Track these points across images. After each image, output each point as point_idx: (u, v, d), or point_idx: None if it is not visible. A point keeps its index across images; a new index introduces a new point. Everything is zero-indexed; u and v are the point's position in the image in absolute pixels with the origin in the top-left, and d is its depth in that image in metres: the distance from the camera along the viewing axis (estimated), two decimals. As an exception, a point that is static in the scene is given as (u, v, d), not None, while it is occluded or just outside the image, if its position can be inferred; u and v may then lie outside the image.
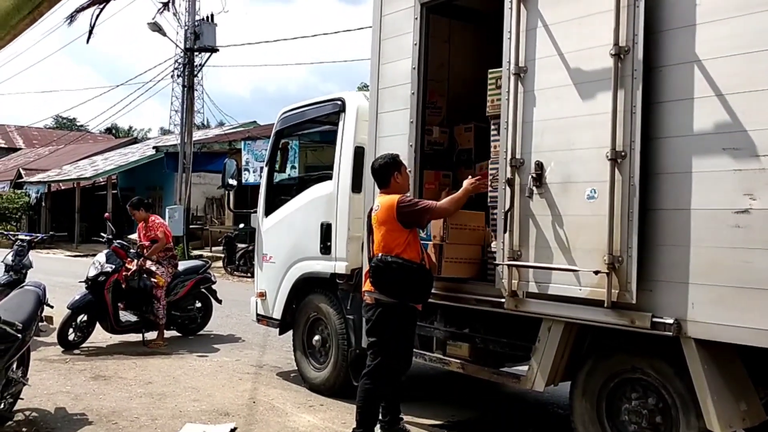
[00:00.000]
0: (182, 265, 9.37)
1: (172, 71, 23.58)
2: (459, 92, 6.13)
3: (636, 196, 3.84)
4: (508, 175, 4.48)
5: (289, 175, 10.51)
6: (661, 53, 3.82)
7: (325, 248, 6.15)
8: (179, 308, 9.14)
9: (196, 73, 23.57)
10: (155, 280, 8.61)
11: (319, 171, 7.04)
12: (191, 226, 23.03)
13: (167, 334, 8.97)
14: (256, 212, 7.32)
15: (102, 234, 9.02)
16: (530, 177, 4.36)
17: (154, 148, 28.63)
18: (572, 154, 4.19)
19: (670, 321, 3.72)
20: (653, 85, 3.84)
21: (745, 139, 3.48)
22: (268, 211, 7.04)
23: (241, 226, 20.66)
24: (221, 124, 36.20)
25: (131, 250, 8.76)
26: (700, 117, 3.66)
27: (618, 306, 3.92)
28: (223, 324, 10.04)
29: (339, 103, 6.24)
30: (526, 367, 4.61)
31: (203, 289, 9.41)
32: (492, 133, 4.92)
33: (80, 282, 8.67)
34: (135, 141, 43.01)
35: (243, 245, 19.04)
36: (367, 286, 4.82)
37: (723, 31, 3.58)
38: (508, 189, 4.49)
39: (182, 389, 6.47)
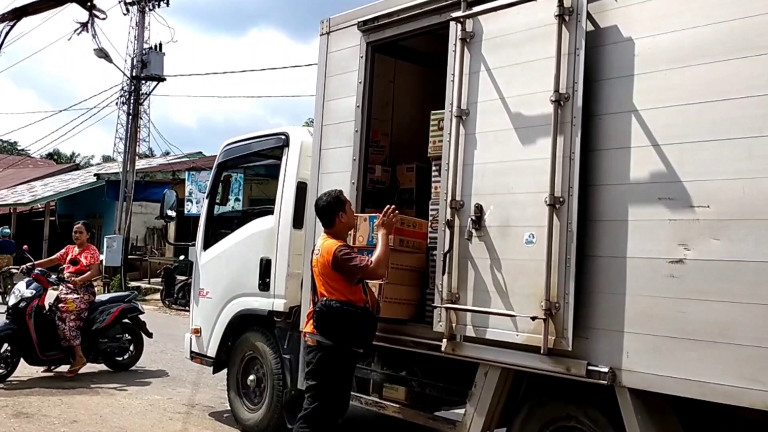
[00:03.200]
0: (107, 295, 9.33)
1: (117, 98, 23.16)
2: (402, 132, 6.11)
3: (573, 242, 3.84)
4: (448, 217, 4.45)
5: (232, 207, 10.35)
6: (600, 102, 3.86)
7: (264, 284, 6.01)
8: (106, 337, 8.82)
9: (141, 101, 23.27)
10: (64, 305, 8.31)
11: (262, 205, 6.93)
12: (130, 257, 22.49)
13: (95, 367, 8.66)
14: (194, 245, 7.14)
15: (15, 268, 8.75)
16: (470, 219, 4.33)
17: (95, 175, 27.99)
18: (512, 197, 4.19)
19: (605, 369, 3.69)
20: (592, 133, 3.87)
21: (680, 190, 3.51)
22: (207, 245, 6.88)
23: (182, 258, 20.26)
24: (166, 154, 35.71)
25: (51, 277, 8.55)
26: (637, 166, 3.69)
27: (554, 353, 3.89)
28: (157, 359, 9.72)
29: (283, 137, 6.16)
30: (461, 412, 4.54)
31: (130, 320, 9.13)
32: (433, 174, 4.90)
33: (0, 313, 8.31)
34: (77, 167, 42.06)
35: (183, 277, 18.62)
36: (308, 327, 4.69)
37: (660, 83, 3.64)
38: (447, 230, 4.45)
39: (109, 429, 6.21)
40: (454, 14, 4.50)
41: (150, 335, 9.28)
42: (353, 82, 5.30)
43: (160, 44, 22.73)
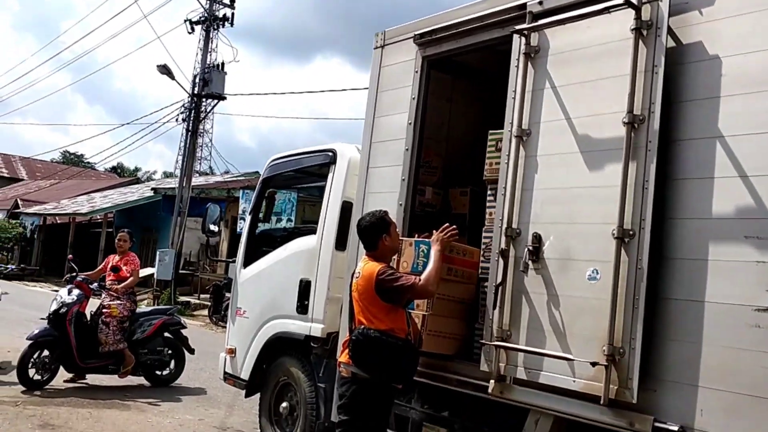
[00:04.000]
0: (148, 308, 9.35)
1: (177, 115, 23.43)
2: (457, 154, 5.76)
3: (643, 281, 3.41)
4: (503, 246, 4.06)
5: (283, 227, 10.15)
6: (680, 125, 3.45)
7: (302, 307, 5.70)
8: (147, 348, 8.69)
9: (201, 118, 23.50)
10: (107, 311, 8.23)
11: (307, 224, 6.67)
12: (182, 271, 22.57)
13: (132, 380, 8.50)
14: (234, 262, 6.89)
15: (67, 275, 8.73)
16: (526, 250, 3.94)
17: (152, 189, 28.40)
18: (574, 228, 3.78)
19: (675, 428, 3.25)
20: (669, 160, 3.46)
21: (771, 228, 3.07)
22: (247, 262, 6.61)
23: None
24: (226, 173, 36.07)
25: (93, 284, 8.48)
26: (721, 199, 3.27)
27: (616, 404, 3.45)
28: (194, 378, 9.47)
29: (330, 154, 5.88)
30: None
31: (172, 334, 8.99)
32: (488, 198, 4.53)
33: (41, 318, 8.28)
34: (138, 181, 42.94)
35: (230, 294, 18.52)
36: (344, 357, 4.33)
37: (750, 106, 3.22)
38: (501, 261, 4.06)
39: (133, 449, 5.95)
40: (518, 27, 4.16)
41: (192, 351, 9.08)
42: (406, 98, 4.99)
43: (222, 63, 23.02)
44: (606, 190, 3.62)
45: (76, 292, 8.20)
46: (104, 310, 8.24)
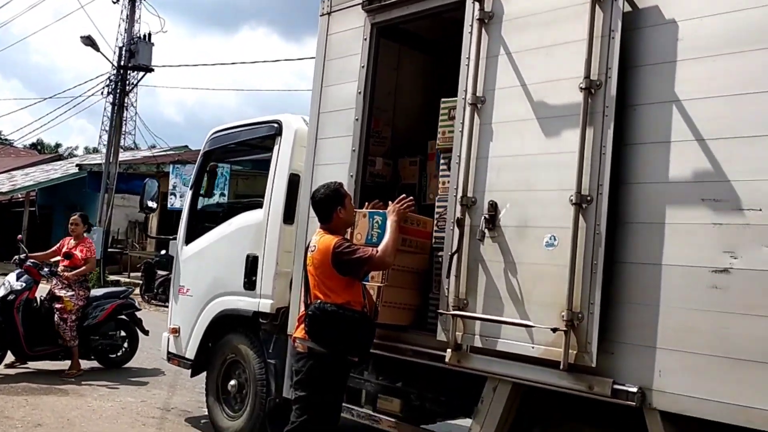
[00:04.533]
0: (102, 290, 8.98)
1: (103, 88, 22.58)
2: (405, 123, 5.69)
3: (602, 246, 3.42)
4: (458, 215, 4.02)
5: (217, 202, 9.90)
6: (637, 90, 3.45)
7: (250, 283, 5.56)
8: (99, 334, 8.44)
9: (128, 91, 22.73)
10: (61, 305, 7.91)
11: (252, 198, 6.49)
12: (110, 250, 21.95)
13: (87, 364, 8.32)
14: (175, 239, 6.68)
15: (16, 257, 8.33)
16: (482, 218, 3.91)
17: (77, 165, 27.37)
18: (531, 195, 3.77)
19: (634, 389, 3.28)
20: (626, 125, 3.46)
21: (728, 190, 3.11)
22: (189, 239, 6.41)
23: (163, 252, 19.68)
24: (152, 147, 35.07)
25: (44, 270, 8.16)
26: (678, 163, 3.29)
27: (575, 368, 3.47)
28: (134, 358, 9.18)
29: (275, 125, 5.72)
30: (457, 423, 4.10)
31: (126, 317, 8.77)
32: (441, 167, 4.49)
33: None
34: (60, 158, 41.29)
35: (163, 273, 18.09)
36: (299, 332, 4.23)
37: (707, 70, 3.24)
38: (456, 230, 4.03)
39: (76, 434, 5.73)
40: (472, -8, 4.09)
41: (146, 332, 8.86)
42: (355, 67, 4.88)
43: (149, 34, 22.29)
44: (563, 156, 3.62)
45: (24, 277, 7.94)
46: (57, 305, 7.94)
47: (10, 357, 7.99)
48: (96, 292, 8.82)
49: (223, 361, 5.91)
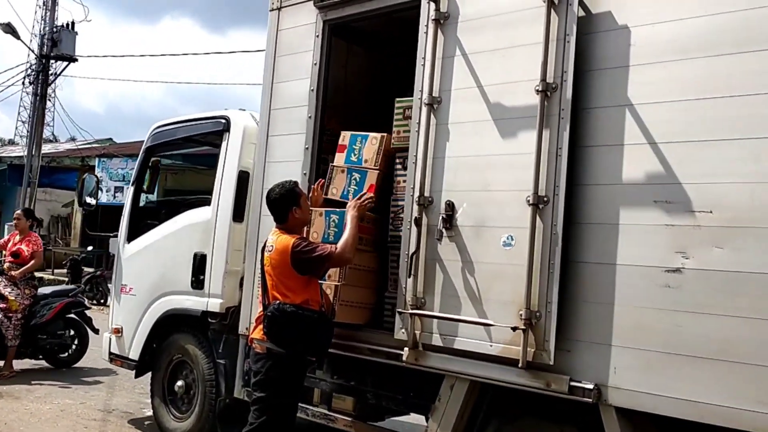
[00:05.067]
0: (50, 288, 8.81)
1: (23, 78, 21.71)
2: (353, 121, 5.67)
3: (558, 246, 3.51)
4: (415, 215, 4.05)
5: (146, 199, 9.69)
6: (592, 94, 3.54)
7: (198, 282, 5.47)
8: (47, 333, 8.19)
9: (51, 81, 21.90)
10: (5, 305, 7.69)
11: (177, 196, 6.38)
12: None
13: (33, 364, 8.22)
14: (116, 236, 6.50)
15: None
16: (440, 218, 3.95)
17: (-5, 158, 26.27)
18: (488, 195, 3.83)
19: (590, 386, 3.38)
20: (581, 127, 3.54)
21: (679, 192, 3.23)
22: (131, 237, 6.25)
23: (90, 248, 19.16)
24: (72, 139, 33.93)
25: None
26: (631, 165, 3.39)
27: (533, 366, 3.55)
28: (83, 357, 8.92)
29: (223, 121, 5.62)
30: (407, 421, 4.15)
31: (75, 315, 8.55)
32: (396, 167, 4.49)
33: None
34: (-25, 149, 39.51)
35: (90, 269, 17.61)
36: (257, 333, 4.19)
37: (659, 75, 3.35)
38: (414, 229, 4.05)
39: (15, 440, 5.53)
40: (427, -8, 4.11)
41: (96, 331, 8.53)
42: (307, 64, 4.84)
43: (73, 23, 21.49)
44: (519, 158, 3.68)
45: None
46: (2, 305, 7.74)
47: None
48: (44, 290, 8.64)
49: (170, 361, 5.80)
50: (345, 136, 4.63)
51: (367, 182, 4.43)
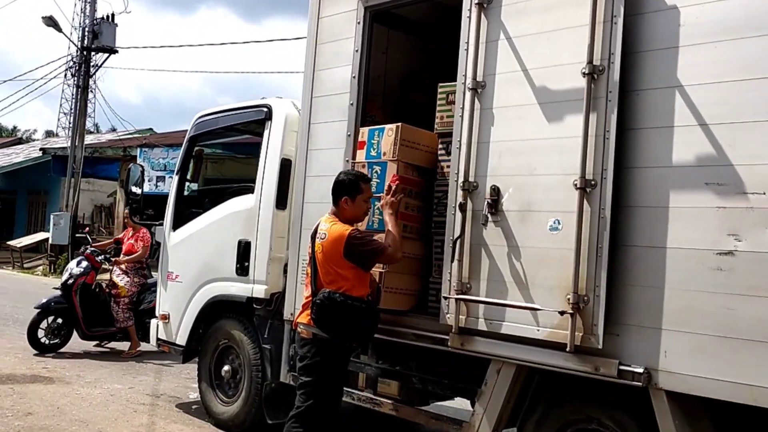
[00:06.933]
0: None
1: (65, 70, 22.11)
2: (393, 108, 5.69)
3: (606, 230, 3.48)
4: (460, 200, 4.05)
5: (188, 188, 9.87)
6: (640, 76, 3.50)
7: (242, 269, 5.53)
8: (153, 316, 8.46)
9: (92, 73, 22.26)
10: (116, 290, 8.59)
11: (219, 185, 6.45)
12: (77, 235, 21.57)
13: (83, 350, 8.74)
14: (161, 225, 6.61)
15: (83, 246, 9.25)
16: (485, 203, 3.95)
17: (41, 149, 26.84)
18: (534, 180, 3.81)
19: (640, 370, 3.36)
20: (629, 110, 3.51)
21: (731, 174, 3.18)
22: (177, 225, 6.34)
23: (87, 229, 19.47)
24: (113, 130, 34.45)
25: (99, 256, 8.85)
26: (681, 147, 3.35)
27: (581, 350, 3.54)
28: (113, 344, 9.13)
29: (265, 110, 5.66)
30: (451, 406, 4.14)
31: None
32: (440, 152, 4.50)
33: (54, 288, 9.17)
34: (20, 141, 40.41)
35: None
36: (303, 318, 4.25)
37: (709, 56, 3.29)
38: (459, 215, 4.06)
39: (69, 422, 5.67)
40: (470, -24, 4.08)
41: None
42: (348, 51, 4.85)
43: (113, 14, 21.81)
44: (566, 141, 3.66)
45: (84, 264, 8.66)
46: (114, 291, 8.61)
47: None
48: (154, 278, 8.99)
49: (216, 346, 5.89)
50: (363, 133, 4.61)
51: (388, 173, 4.40)
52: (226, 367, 5.79)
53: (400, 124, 4.46)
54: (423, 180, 4.56)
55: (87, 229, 10.08)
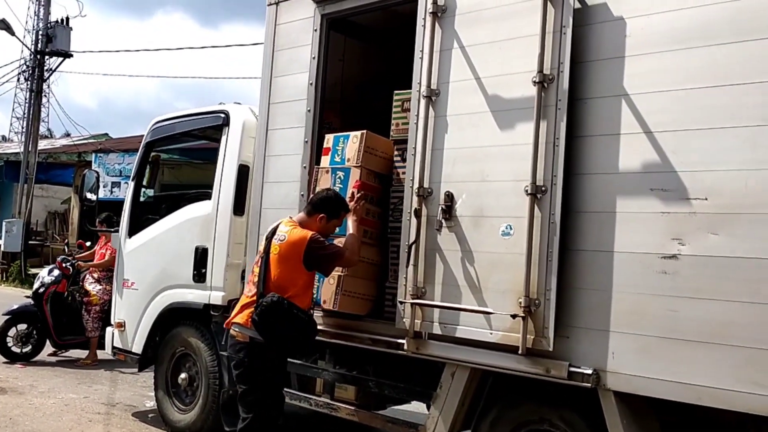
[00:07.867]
0: None
1: (19, 74, 21.69)
2: (350, 114, 5.73)
3: (556, 235, 3.57)
4: (415, 206, 4.11)
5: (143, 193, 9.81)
6: (588, 84, 3.60)
7: (200, 275, 5.51)
8: None
9: (46, 77, 21.87)
10: (88, 298, 8.50)
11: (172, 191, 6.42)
12: (30, 242, 21.18)
13: (36, 359, 8.58)
14: (117, 232, 6.54)
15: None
16: (439, 208, 4.01)
17: (-7, 155, 26.22)
18: (487, 186, 3.89)
19: (589, 371, 3.45)
20: (578, 118, 3.60)
21: (675, 181, 3.29)
22: (133, 232, 6.29)
23: (88, 244, 19.16)
24: (67, 135, 33.88)
25: (67, 263, 8.76)
26: (627, 154, 3.45)
27: (533, 353, 3.62)
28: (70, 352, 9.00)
29: (222, 116, 5.66)
30: (406, 409, 4.24)
31: None
32: (396, 159, 4.55)
33: (25, 296, 9.26)
34: (-31, 146, 39.41)
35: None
36: (241, 318, 4.22)
37: (654, 65, 3.41)
38: (414, 220, 4.11)
39: (21, 434, 5.58)
40: (424, -14, 4.15)
41: None
42: (305, 58, 4.89)
43: (67, 18, 21.49)
44: (517, 148, 3.74)
45: (55, 272, 8.59)
46: (86, 299, 8.52)
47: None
48: None
49: (173, 354, 5.85)
50: (329, 139, 4.66)
51: (351, 179, 4.47)
52: (183, 375, 5.76)
53: (365, 131, 4.51)
54: (381, 186, 4.61)
55: (66, 240, 9.96)
